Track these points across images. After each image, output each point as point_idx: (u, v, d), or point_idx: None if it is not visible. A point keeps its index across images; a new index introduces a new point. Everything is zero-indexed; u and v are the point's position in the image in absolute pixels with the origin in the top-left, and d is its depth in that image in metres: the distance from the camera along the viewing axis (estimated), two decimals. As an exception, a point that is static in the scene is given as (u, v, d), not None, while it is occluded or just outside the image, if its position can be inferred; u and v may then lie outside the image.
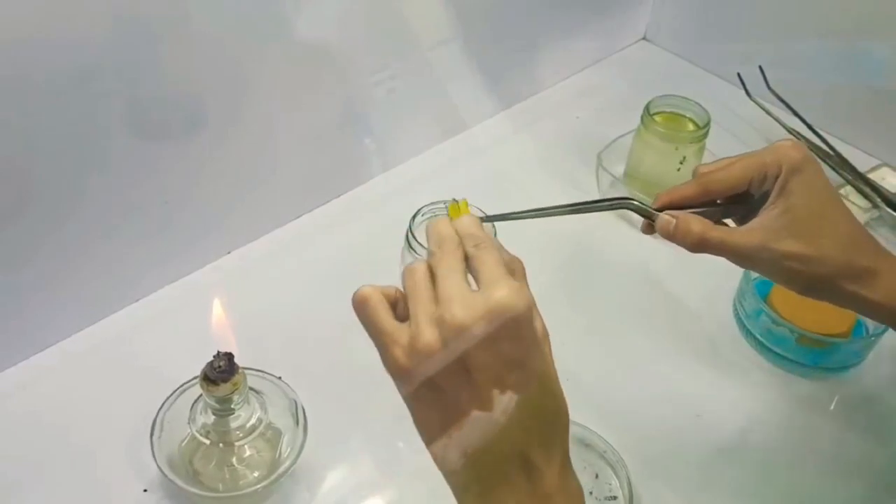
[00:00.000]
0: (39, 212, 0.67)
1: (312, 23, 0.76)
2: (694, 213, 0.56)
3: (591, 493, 0.65)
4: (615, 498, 0.64)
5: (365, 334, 0.45)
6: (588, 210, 0.58)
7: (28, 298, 0.70)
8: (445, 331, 0.40)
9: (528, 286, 0.45)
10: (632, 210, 0.58)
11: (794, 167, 0.53)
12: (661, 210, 0.57)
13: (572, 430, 0.66)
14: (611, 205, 0.59)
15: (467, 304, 0.40)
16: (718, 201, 0.57)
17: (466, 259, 0.44)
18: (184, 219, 0.77)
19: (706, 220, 0.55)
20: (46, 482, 0.64)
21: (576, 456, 0.66)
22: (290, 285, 0.81)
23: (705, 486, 0.67)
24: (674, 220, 0.55)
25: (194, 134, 0.74)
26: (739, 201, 0.57)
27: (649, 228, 0.58)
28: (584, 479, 0.65)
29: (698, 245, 0.54)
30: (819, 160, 0.93)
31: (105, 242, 0.72)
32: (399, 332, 0.42)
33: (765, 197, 0.55)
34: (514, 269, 0.48)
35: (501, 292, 0.41)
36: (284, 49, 0.76)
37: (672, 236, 0.55)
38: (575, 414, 0.67)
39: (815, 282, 0.54)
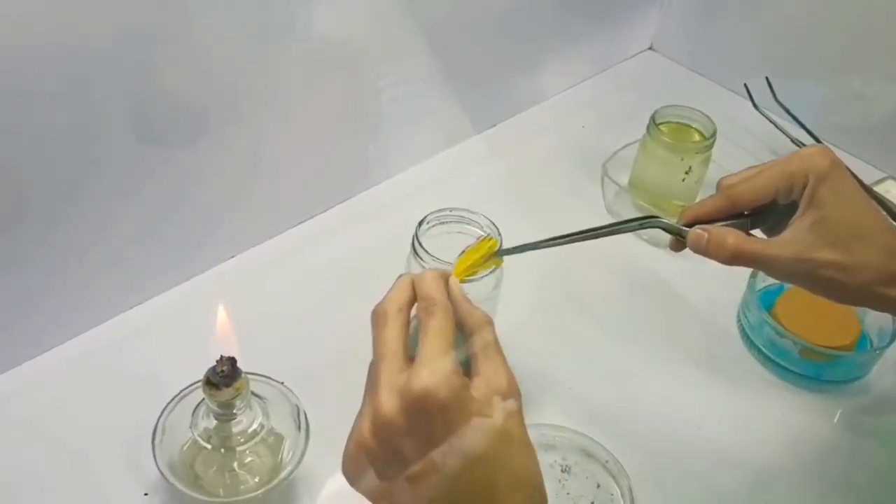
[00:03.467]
0: (40, 216, 0.66)
1: (315, 30, 0.77)
2: (723, 226, 0.56)
3: (592, 502, 0.64)
4: None
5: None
6: (614, 233, 0.57)
7: (27, 302, 0.70)
8: (375, 421, 0.43)
9: (490, 340, 0.47)
10: (660, 228, 0.58)
11: (822, 175, 0.53)
12: (688, 226, 0.57)
13: (575, 439, 0.66)
14: (640, 224, 0.59)
15: (392, 391, 0.43)
16: (745, 213, 0.57)
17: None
18: (186, 223, 0.77)
19: (739, 233, 0.55)
20: (46, 487, 0.64)
21: (578, 466, 0.66)
22: (293, 290, 0.81)
23: (706, 498, 0.67)
24: (706, 234, 0.55)
25: (196, 139, 0.74)
26: (766, 212, 0.56)
27: (678, 245, 0.58)
28: (586, 488, 0.65)
29: (733, 258, 0.54)
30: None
31: (105, 247, 0.72)
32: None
33: (792, 206, 0.54)
34: (473, 326, 0.48)
35: (421, 379, 0.42)
36: (287, 55, 0.76)
37: (706, 251, 0.55)
38: (577, 423, 0.68)
39: (856, 290, 0.53)
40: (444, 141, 0.99)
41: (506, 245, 0.61)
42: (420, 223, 0.66)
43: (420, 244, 0.64)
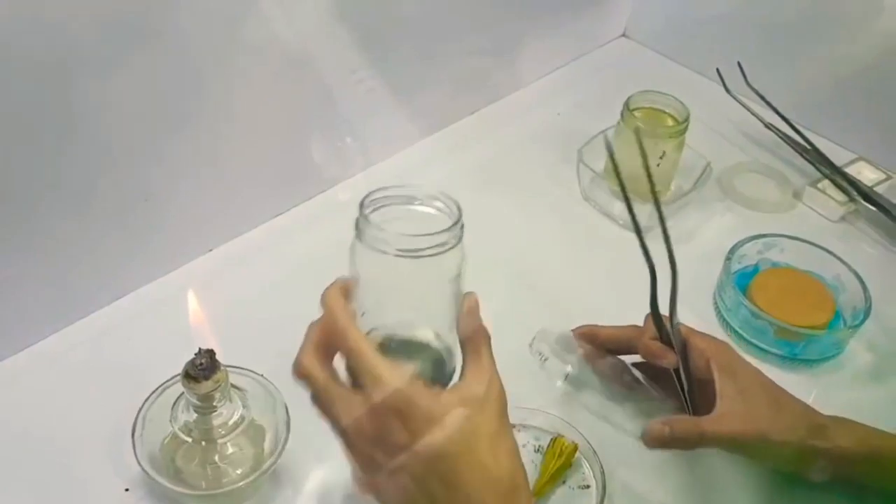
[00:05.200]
0: (13, 211, 0.66)
1: (289, 21, 0.76)
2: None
3: (564, 482, 0.65)
4: (588, 486, 0.65)
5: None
6: None
7: (3, 299, 0.69)
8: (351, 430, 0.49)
9: (477, 350, 0.52)
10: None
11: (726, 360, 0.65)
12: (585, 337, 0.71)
13: (549, 420, 0.67)
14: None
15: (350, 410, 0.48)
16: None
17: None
18: (164, 217, 0.77)
19: (689, 417, 0.64)
20: (25, 482, 0.64)
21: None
22: (272, 283, 0.81)
23: (680, 479, 0.67)
24: (667, 427, 0.60)
25: (173, 132, 0.73)
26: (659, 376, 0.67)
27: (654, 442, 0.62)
28: (560, 468, 0.66)
29: (699, 441, 0.60)
30: (798, 155, 0.95)
31: (83, 240, 0.72)
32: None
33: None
34: (466, 337, 0.54)
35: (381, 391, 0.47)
36: (262, 48, 0.76)
37: (670, 440, 0.60)
38: (551, 405, 0.68)
39: (788, 445, 0.60)
40: (421, 130, 0.99)
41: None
42: (362, 205, 0.54)
43: (366, 219, 0.53)
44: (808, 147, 0.96)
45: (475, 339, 0.52)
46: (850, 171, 0.94)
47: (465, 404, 0.48)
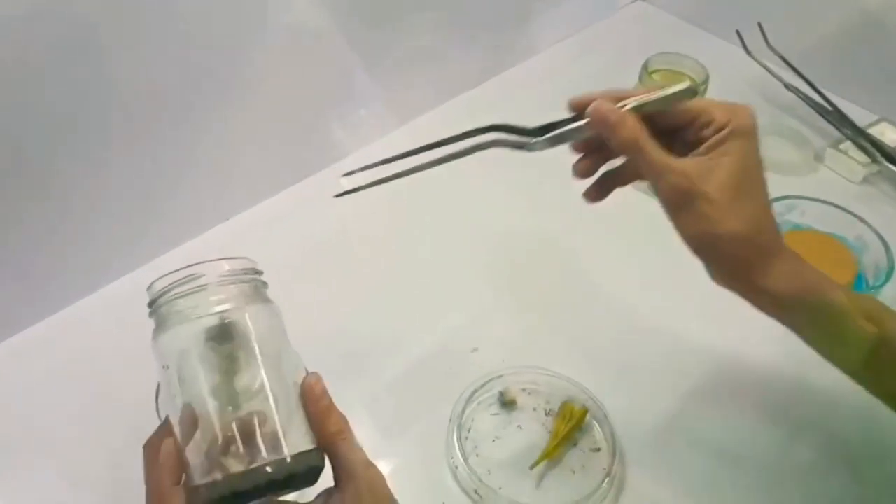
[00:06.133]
0: (41, 172, 0.68)
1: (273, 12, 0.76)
2: None
3: (575, 444, 0.66)
4: (599, 449, 0.66)
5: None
6: (453, 149, 0.55)
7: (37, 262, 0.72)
8: None
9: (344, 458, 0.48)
10: (502, 143, 0.57)
11: (741, 131, 0.52)
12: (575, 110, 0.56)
13: (561, 384, 0.67)
14: (476, 144, 0.55)
15: None
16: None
17: None
18: (177, 195, 0.78)
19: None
20: (55, 445, 0.65)
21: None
22: (276, 260, 0.81)
23: (693, 439, 0.68)
24: (611, 108, 0.53)
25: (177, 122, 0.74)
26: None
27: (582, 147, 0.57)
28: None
29: (630, 141, 0.52)
30: (820, 116, 0.94)
31: (82, 225, 0.73)
32: None
33: (690, 144, 0.54)
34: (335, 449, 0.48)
35: None
36: (272, 26, 0.76)
37: (604, 120, 0.54)
38: (565, 368, 0.68)
39: (711, 239, 0.53)
40: (438, 97, 0.99)
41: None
42: (152, 304, 0.49)
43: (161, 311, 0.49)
44: (830, 108, 0.95)
45: (332, 437, 0.47)
46: (872, 132, 0.92)
47: None
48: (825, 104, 0.95)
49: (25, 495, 0.65)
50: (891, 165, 0.89)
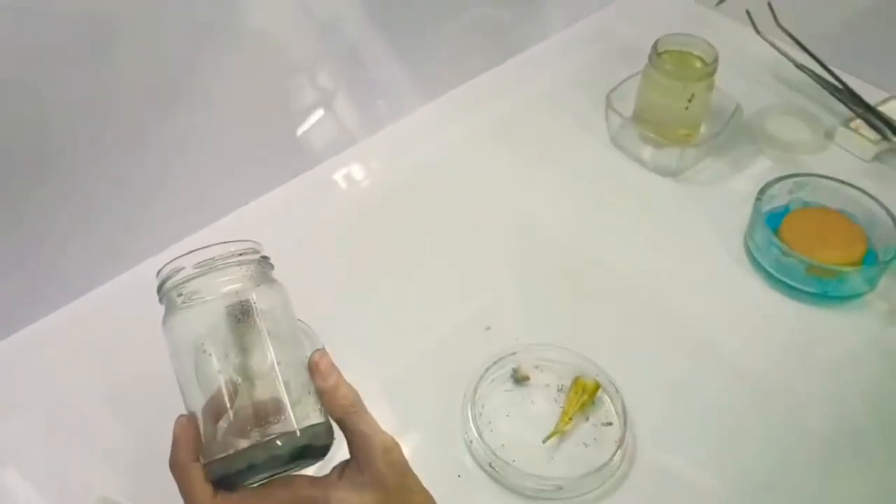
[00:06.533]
0: (62, 174, 0.70)
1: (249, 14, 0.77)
2: None
3: (587, 419, 0.67)
4: (611, 423, 0.67)
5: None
6: None
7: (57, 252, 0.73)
8: None
9: (360, 430, 0.48)
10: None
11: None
12: None
13: (572, 360, 0.68)
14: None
15: None
16: None
17: None
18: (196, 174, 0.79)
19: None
20: (89, 424, 0.67)
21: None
22: (299, 240, 0.83)
23: (702, 413, 0.69)
24: None
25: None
26: None
27: None
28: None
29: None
30: (830, 95, 0.94)
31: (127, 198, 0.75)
32: None
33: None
34: (344, 417, 0.49)
35: None
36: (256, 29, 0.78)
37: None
38: (577, 344, 0.69)
39: None
40: (447, 83, 1.00)
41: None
42: (161, 289, 0.51)
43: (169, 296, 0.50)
44: (841, 87, 0.95)
45: (343, 410, 0.48)
46: (883, 109, 0.92)
47: (365, 489, 0.47)
48: (836, 83, 0.96)
49: (54, 472, 0.67)
50: (902, 142, 0.89)
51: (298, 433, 0.47)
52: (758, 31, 0.99)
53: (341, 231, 0.84)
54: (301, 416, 0.47)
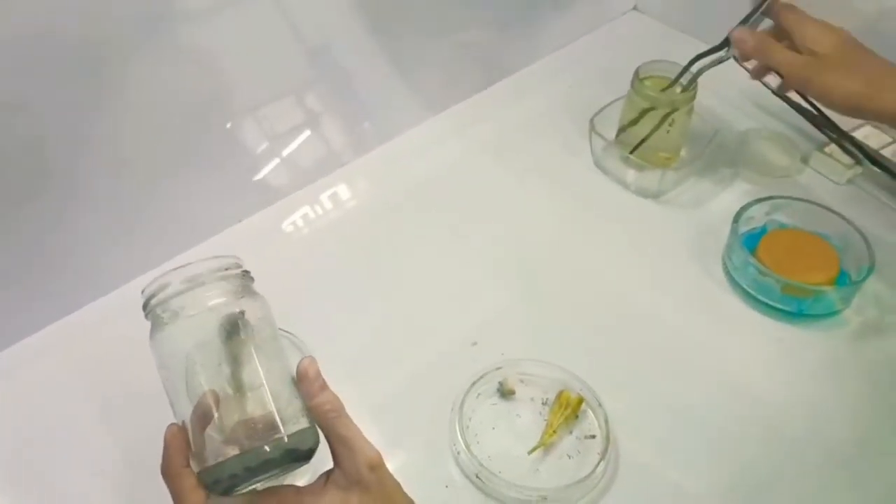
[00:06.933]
0: (68, 181, 0.71)
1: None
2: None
3: (571, 432, 0.69)
4: (594, 436, 0.69)
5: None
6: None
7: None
8: None
9: (341, 434, 0.51)
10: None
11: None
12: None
13: (557, 374, 0.71)
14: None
15: None
16: None
17: None
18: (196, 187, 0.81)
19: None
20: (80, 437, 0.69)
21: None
22: (297, 251, 0.85)
23: (683, 426, 0.71)
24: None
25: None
26: None
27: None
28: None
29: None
30: (806, 121, 0.97)
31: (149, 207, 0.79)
32: None
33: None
34: (326, 420, 0.52)
35: None
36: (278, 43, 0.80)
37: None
38: (561, 359, 0.72)
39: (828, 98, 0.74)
40: (436, 106, 1.03)
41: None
42: (147, 306, 0.53)
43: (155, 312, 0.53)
44: (816, 113, 0.98)
45: (326, 416, 0.51)
46: (857, 135, 0.95)
47: (350, 494, 0.49)
48: (812, 109, 0.99)
49: (48, 485, 0.68)
50: (874, 167, 0.93)
51: (286, 438, 0.49)
52: (737, 60, 1.03)
53: (329, 249, 0.86)
54: (289, 421, 0.50)
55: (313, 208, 0.91)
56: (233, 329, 0.59)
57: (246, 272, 0.55)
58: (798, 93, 0.98)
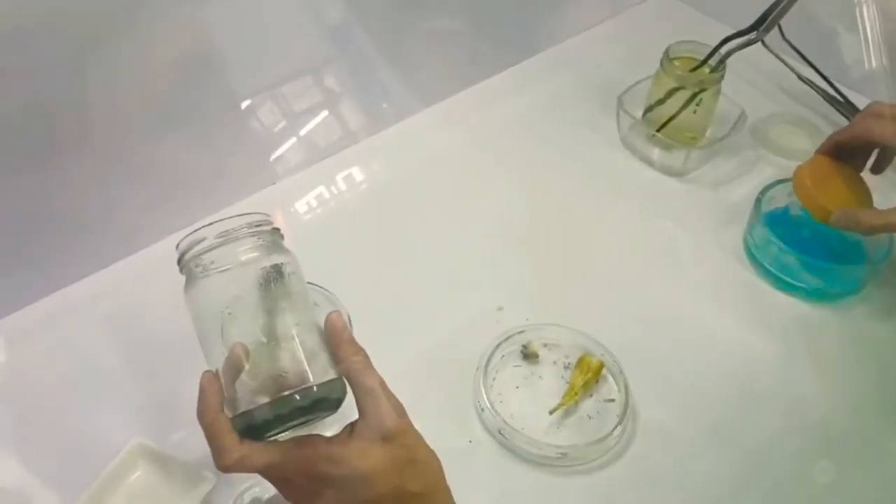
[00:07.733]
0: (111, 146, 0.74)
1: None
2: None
3: (592, 395, 0.71)
4: (613, 400, 0.71)
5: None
6: None
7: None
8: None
9: (368, 385, 0.52)
10: None
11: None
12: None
13: (579, 340, 0.73)
14: None
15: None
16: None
17: None
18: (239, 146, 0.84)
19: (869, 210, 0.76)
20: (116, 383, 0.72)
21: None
22: (332, 213, 0.87)
23: (700, 396, 0.73)
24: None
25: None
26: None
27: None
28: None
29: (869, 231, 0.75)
30: (831, 107, 0.98)
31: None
32: None
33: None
34: (353, 372, 0.53)
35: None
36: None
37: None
38: (583, 326, 0.74)
39: None
40: (465, 81, 1.04)
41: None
42: (181, 260, 0.55)
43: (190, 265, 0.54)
44: (841, 100, 1.00)
45: (353, 369, 0.52)
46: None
47: (374, 444, 0.50)
48: (837, 96, 1.00)
49: (93, 420, 0.71)
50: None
51: (315, 388, 0.51)
52: (764, 44, 1.04)
53: (356, 220, 0.89)
54: (317, 372, 0.52)
55: (330, 182, 0.93)
56: (271, 280, 0.61)
57: (276, 229, 0.57)
58: (823, 77, 1.00)
